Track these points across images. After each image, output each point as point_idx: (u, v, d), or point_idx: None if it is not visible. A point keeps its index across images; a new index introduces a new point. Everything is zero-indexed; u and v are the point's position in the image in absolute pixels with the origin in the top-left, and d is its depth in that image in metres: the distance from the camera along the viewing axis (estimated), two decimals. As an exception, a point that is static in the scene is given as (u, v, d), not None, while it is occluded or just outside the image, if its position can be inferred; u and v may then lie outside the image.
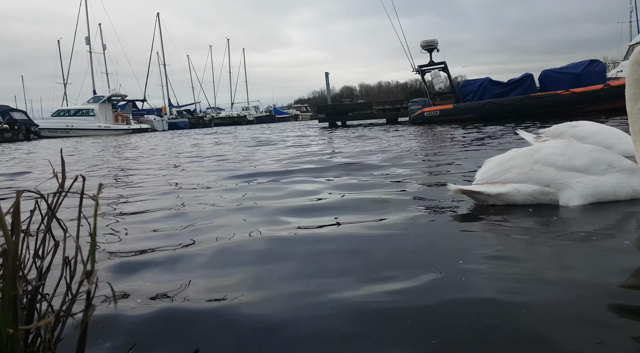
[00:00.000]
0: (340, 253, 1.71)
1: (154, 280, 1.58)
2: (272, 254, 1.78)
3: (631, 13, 41.18)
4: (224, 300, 1.36)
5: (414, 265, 1.53)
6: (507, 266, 1.47)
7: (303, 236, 2.00)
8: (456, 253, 1.62)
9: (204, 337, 1.15)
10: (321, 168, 4.57)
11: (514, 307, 1.18)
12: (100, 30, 50.34)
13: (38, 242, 0.89)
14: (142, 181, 4.48)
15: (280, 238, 1.99)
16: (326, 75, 25.81)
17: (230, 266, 1.68)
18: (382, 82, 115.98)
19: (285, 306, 1.28)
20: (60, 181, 0.88)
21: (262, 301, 1.33)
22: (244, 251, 1.84)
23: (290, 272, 1.55)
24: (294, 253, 1.76)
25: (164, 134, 27.21)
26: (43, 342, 0.85)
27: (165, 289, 1.48)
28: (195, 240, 2.06)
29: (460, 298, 1.25)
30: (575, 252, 1.61)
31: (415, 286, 1.34)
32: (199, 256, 1.81)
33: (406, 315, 1.18)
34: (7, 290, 0.76)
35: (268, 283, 1.47)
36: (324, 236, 1.97)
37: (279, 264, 1.66)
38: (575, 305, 1.17)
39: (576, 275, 1.37)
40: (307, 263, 1.64)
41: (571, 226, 1.93)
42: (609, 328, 1.05)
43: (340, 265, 1.59)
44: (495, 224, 2.02)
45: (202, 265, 1.72)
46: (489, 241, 1.78)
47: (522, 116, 13.71)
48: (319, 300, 1.30)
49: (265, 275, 1.56)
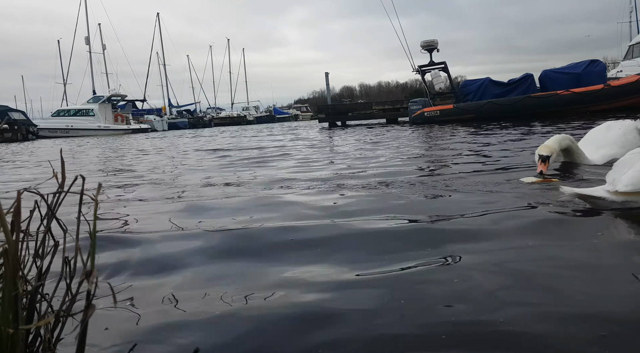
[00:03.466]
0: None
1: (154, 280, 1.58)
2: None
3: (631, 13, 41.17)
4: (224, 299, 1.36)
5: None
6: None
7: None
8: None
9: (204, 337, 1.15)
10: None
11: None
12: (100, 31, 50.40)
13: (38, 242, 0.89)
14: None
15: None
16: (326, 75, 25.82)
17: (230, 270, 1.68)
18: (382, 82, 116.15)
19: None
20: (59, 181, 0.88)
21: (263, 301, 1.34)
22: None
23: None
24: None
25: (135, 137, 27.06)
26: (43, 342, 0.85)
27: (165, 289, 1.48)
28: (196, 240, 2.06)
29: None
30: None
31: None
32: (200, 257, 1.81)
33: None
34: (7, 290, 0.76)
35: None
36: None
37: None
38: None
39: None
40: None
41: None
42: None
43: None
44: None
45: (203, 264, 1.72)
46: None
47: (523, 116, 13.71)
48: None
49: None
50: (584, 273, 1.38)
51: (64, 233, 0.88)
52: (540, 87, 15.43)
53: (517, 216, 2.10)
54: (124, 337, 1.17)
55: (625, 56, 22.13)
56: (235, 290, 1.44)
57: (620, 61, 23.50)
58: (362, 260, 1.64)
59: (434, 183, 3.16)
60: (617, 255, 1.57)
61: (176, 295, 1.42)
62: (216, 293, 1.42)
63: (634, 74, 14.25)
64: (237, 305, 1.32)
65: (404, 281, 1.41)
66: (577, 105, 13.55)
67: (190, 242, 2.04)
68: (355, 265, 1.59)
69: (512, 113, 14.17)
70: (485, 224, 2.00)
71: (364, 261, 1.63)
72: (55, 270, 0.90)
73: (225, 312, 1.28)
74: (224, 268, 1.67)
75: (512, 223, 1.99)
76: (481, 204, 2.40)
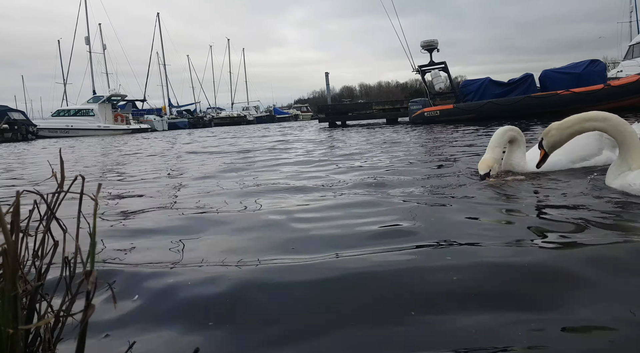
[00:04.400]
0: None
1: (154, 280, 1.58)
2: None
3: (631, 13, 41.17)
4: (223, 300, 1.36)
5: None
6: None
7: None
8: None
9: (204, 337, 1.15)
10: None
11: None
12: (100, 31, 50.44)
13: (37, 242, 0.89)
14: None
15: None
16: (326, 75, 25.83)
17: (232, 272, 1.68)
18: (382, 82, 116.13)
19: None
20: (59, 181, 0.88)
21: (265, 301, 1.33)
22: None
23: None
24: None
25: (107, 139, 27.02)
26: (43, 342, 0.84)
27: (165, 289, 1.48)
28: (196, 240, 2.06)
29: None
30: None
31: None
32: (200, 255, 1.81)
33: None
34: (7, 290, 0.76)
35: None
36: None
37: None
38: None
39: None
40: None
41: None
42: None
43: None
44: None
45: (203, 264, 1.71)
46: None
47: (523, 115, 13.71)
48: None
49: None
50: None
51: (64, 233, 0.88)
52: (541, 87, 15.42)
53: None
54: (124, 337, 1.17)
55: (626, 56, 22.12)
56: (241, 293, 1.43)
57: (621, 61, 23.49)
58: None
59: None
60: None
61: (176, 295, 1.42)
62: (220, 294, 1.41)
63: (634, 74, 14.26)
64: (238, 306, 1.32)
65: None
66: (577, 105, 13.52)
67: (194, 242, 2.03)
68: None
69: (512, 113, 14.17)
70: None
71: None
72: (55, 269, 0.89)
73: (230, 312, 1.28)
74: (233, 275, 1.67)
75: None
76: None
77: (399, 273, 1.45)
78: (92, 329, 1.16)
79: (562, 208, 2.18)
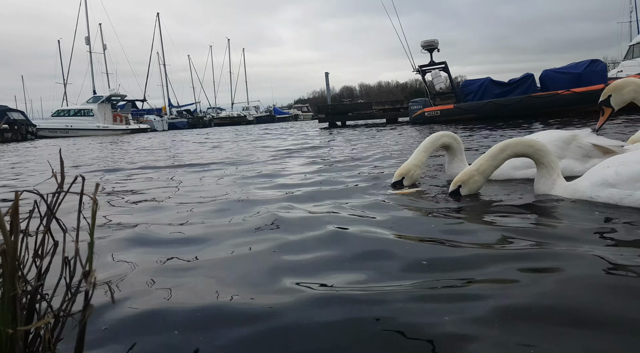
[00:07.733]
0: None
1: (153, 279, 1.57)
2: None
3: (631, 13, 41.18)
4: (224, 299, 1.36)
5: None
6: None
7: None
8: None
9: (204, 336, 1.15)
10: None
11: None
12: (101, 31, 50.40)
13: (37, 242, 0.89)
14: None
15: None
16: (326, 75, 25.85)
17: (232, 274, 1.68)
18: (381, 82, 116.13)
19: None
20: (59, 181, 0.88)
21: (264, 301, 1.33)
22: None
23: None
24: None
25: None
26: (42, 342, 0.84)
27: (165, 288, 1.47)
28: (196, 240, 2.06)
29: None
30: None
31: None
32: (200, 256, 1.81)
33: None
34: (7, 290, 0.76)
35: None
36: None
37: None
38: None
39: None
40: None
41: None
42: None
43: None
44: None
45: (203, 264, 1.71)
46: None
47: (523, 115, 13.71)
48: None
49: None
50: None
51: (64, 233, 0.88)
52: (541, 87, 15.40)
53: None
54: (124, 337, 1.17)
55: (626, 56, 22.11)
56: (239, 293, 1.43)
57: (621, 61, 23.48)
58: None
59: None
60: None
61: (176, 295, 1.42)
62: (221, 294, 1.41)
63: (635, 74, 14.24)
64: (245, 303, 1.32)
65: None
66: (577, 105, 13.53)
67: (194, 242, 2.03)
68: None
69: (512, 113, 14.16)
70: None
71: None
72: (55, 269, 0.89)
73: (229, 312, 1.28)
74: (233, 276, 1.67)
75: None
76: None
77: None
78: (92, 329, 1.16)
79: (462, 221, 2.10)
